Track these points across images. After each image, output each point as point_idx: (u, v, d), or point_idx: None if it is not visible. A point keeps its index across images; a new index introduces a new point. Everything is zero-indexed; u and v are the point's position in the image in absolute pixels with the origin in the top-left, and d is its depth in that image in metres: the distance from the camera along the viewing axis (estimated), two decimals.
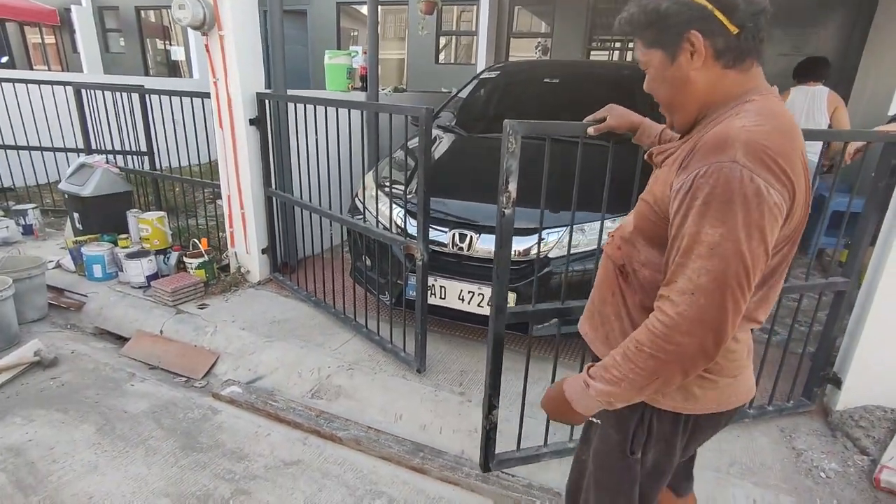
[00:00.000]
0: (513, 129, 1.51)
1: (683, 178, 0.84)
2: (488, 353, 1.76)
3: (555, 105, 3.40)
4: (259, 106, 3.06)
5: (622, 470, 1.09)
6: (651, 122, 1.38)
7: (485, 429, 1.85)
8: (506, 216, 1.61)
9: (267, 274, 3.41)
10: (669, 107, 0.97)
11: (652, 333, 0.84)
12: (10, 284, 2.66)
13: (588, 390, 0.93)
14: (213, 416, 2.24)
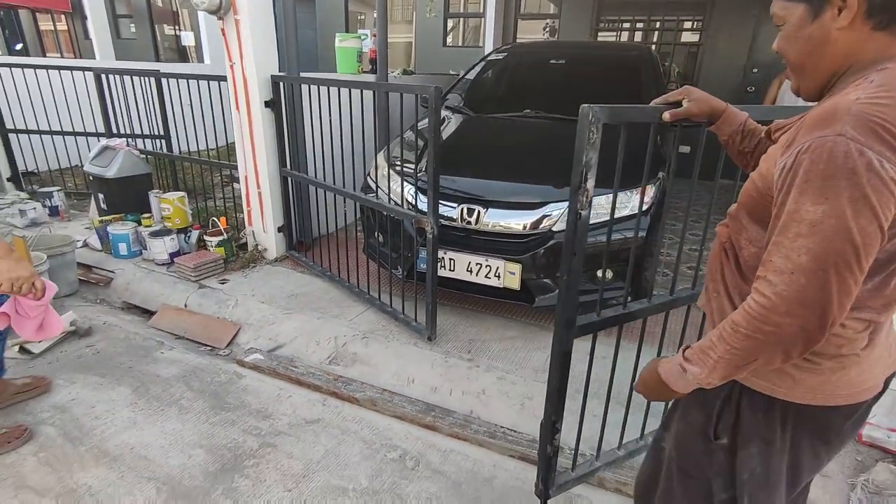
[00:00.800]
0: (594, 116, 1.25)
1: (787, 154, 0.79)
2: (551, 373, 1.52)
3: (561, 85, 3.48)
4: (273, 88, 3.17)
5: (705, 456, 1.03)
6: (735, 110, 1.25)
7: (546, 455, 1.61)
8: (582, 218, 1.35)
9: (283, 251, 3.55)
10: (799, 70, 0.90)
11: (748, 314, 0.81)
12: (45, 260, 2.82)
13: (685, 374, 0.91)
14: (238, 380, 2.40)
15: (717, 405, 1.00)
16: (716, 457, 1.01)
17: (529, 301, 2.46)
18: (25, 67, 4.60)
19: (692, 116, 1.25)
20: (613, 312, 1.58)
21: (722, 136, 1.25)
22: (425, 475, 1.88)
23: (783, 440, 0.95)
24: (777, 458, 0.96)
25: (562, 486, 1.71)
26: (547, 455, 1.61)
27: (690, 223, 3.70)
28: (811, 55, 0.86)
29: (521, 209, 2.46)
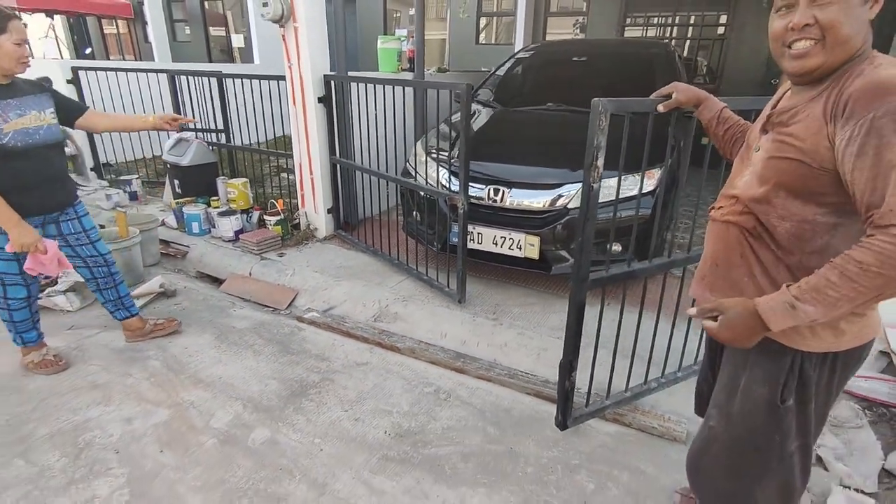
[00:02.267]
0: (603, 108, 1.59)
1: (853, 126, 0.92)
2: (569, 320, 1.87)
3: (581, 81, 3.81)
4: (325, 86, 3.61)
5: (773, 421, 1.14)
6: (714, 99, 1.52)
7: (565, 390, 1.95)
8: (594, 190, 1.68)
9: (332, 230, 4.01)
10: (842, 44, 0.99)
11: (880, 254, 0.87)
12: (138, 234, 3.36)
13: (795, 311, 0.97)
14: (298, 333, 2.86)
15: (783, 375, 1.12)
16: (785, 419, 1.13)
17: (547, 269, 2.82)
18: (108, 71, 5.23)
19: (681, 105, 1.56)
20: (619, 270, 1.93)
21: (703, 119, 1.55)
22: (455, 404, 2.28)
23: (832, 382, 1.12)
24: (832, 397, 1.15)
25: (577, 419, 2.07)
26: (565, 389, 1.98)
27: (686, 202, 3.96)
28: (856, 35, 0.98)
29: (541, 189, 2.83)
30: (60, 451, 1.95)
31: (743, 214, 1.15)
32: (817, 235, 1.05)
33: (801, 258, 1.08)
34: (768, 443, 1.17)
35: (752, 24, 5.38)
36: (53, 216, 2.29)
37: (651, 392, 2.23)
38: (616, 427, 2.13)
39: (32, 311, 2.36)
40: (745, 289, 1.16)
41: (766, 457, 1.19)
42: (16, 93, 2.08)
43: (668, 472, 1.89)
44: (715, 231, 1.24)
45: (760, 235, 1.12)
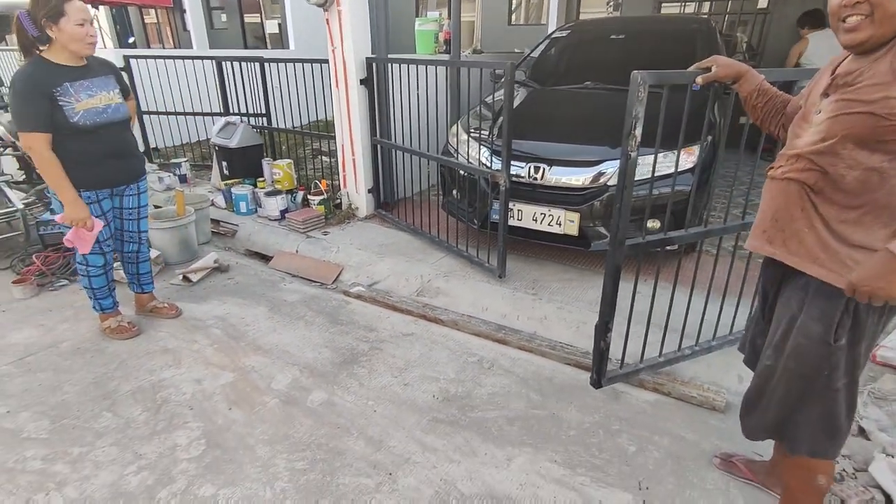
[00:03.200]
0: (642, 80, 1.65)
1: None
2: (606, 281, 1.95)
3: (619, 59, 3.79)
4: (367, 68, 3.71)
5: (825, 359, 1.24)
6: (754, 72, 1.57)
7: (600, 350, 2.05)
8: (631, 158, 1.76)
9: (372, 210, 4.15)
10: (891, 17, 1.09)
11: None
12: (193, 213, 3.56)
13: None
14: (346, 305, 3.01)
15: (838, 315, 1.21)
16: (835, 356, 1.23)
17: (586, 246, 2.88)
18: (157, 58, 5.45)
19: (719, 79, 1.63)
20: (655, 237, 1.99)
21: (742, 92, 1.60)
22: (498, 373, 2.39)
23: (880, 322, 1.23)
24: (877, 339, 1.26)
25: (612, 379, 2.17)
26: (601, 350, 2.07)
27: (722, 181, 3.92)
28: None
29: (580, 166, 2.87)
30: (142, 406, 2.14)
31: (805, 171, 1.23)
32: (885, 181, 1.13)
33: (867, 205, 1.16)
34: (816, 374, 1.26)
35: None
36: (120, 189, 2.47)
37: (685, 359, 2.28)
38: (655, 396, 2.20)
39: (109, 280, 2.56)
40: (805, 238, 1.25)
41: (812, 386, 1.28)
42: (87, 73, 2.22)
43: (708, 438, 1.96)
44: (774, 188, 1.32)
45: (822, 189, 1.21)
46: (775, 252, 1.33)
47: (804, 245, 1.25)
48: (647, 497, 1.72)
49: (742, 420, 1.52)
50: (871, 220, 1.16)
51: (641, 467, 1.84)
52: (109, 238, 2.47)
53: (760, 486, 1.73)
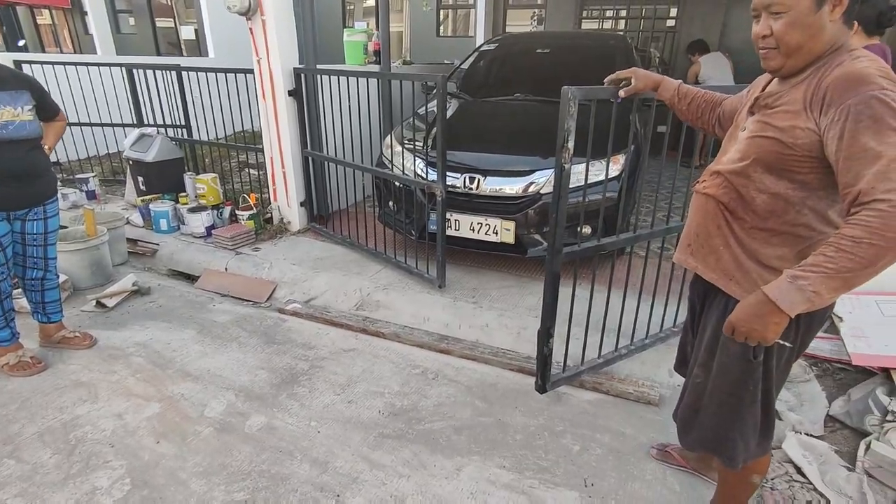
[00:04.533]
0: (572, 95, 1.74)
1: (834, 113, 1.04)
2: (546, 289, 2.01)
3: (546, 72, 3.96)
4: (295, 79, 3.61)
5: (747, 374, 1.28)
6: (669, 79, 1.67)
7: (543, 356, 2.10)
8: (565, 170, 1.83)
9: (305, 224, 4.02)
10: (795, 51, 1.11)
11: (868, 227, 0.96)
12: (106, 232, 3.28)
13: (798, 285, 1.03)
14: (282, 324, 2.89)
15: None
16: (757, 371, 1.27)
17: (522, 253, 2.96)
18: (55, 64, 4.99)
19: (639, 91, 1.74)
20: (590, 244, 2.09)
21: (665, 100, 1.71)
22: (443, 383, 2.38)
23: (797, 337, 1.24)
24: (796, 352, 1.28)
25: (555, 383, 2.24)
26: (544, 355, 2.13)
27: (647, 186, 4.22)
28: (809, 40, 1.10)
29: (514, 176, 2.95)
30: (52, 448, 1.93)
31: (721, 188, 1.28)
32: (790, 207, 1.18)
33: (775, 226, 1.21)
34: (743, 390, 1.31)
35: (701, 17, 5.69)
36: (21, 213, 2.24)
37: (622, 358, 2.40)
38: (595, 395, 2.29)
39: (4, 310, 2.30)
40: (722, 255, 1.30)
41: (741, 401, 1.33)
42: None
43: (646, 432, 2.07)
44: (697, 203, 1.37)
45: (735, 209, 1.25)
46: (697, 267, 1.38)
47: (721, 262, 1.30)
48: (593, 493, 1.78)
49: (680, 437, 1.54)
50: (778, 241, 1.21)
51: (586, 465, 1.90)
52: (5, 264, 2.22)
53: (693, 471, 1.84)
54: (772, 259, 1.24)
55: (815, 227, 1.19)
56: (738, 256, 1.27)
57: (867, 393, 1.90)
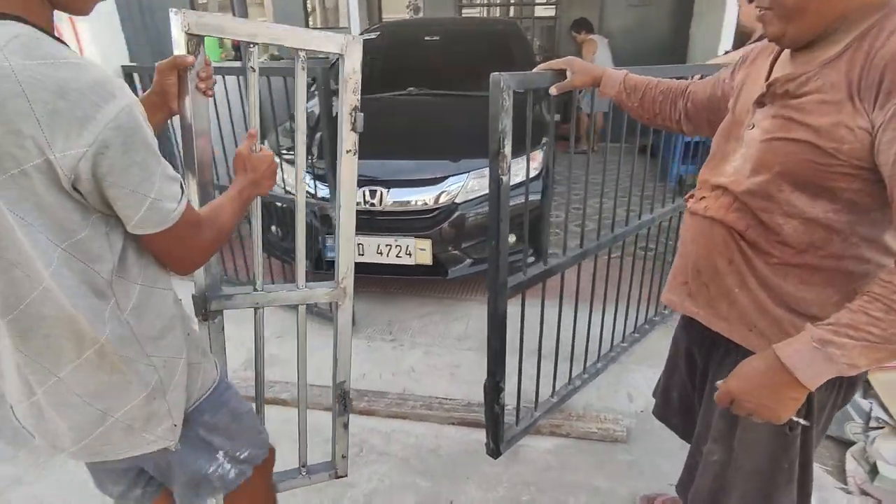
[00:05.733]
0: (505, 84, 1.31)
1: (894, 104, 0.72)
2: (490, 336, 1.61)
3: (439, 62, 3.54)
4: (127, 81, 2.81)
5: (780, 450, 0.98)
6: (612, 71, 1.32)
7: (494, 414, 1.68)
8: (503, 184, 1.41)
9: None
10: (796, 11, 0.80)
11: None
12: None
13: (824, 351, 0.76)
14: None
15: None
16: (793, 447, 0.98)
17: (443, 274, 2.53)
18: None
19: (576, 87, 1.38)
20: (537, 270, 1.70)
21: (609, 96, 1.36)
22: (371, 459, 1.87)
23: (838, 402, 0.98)
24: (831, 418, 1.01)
25: (510, 441, 1.82)
26: (495, 414, 1.70)
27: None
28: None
29: (422, 186, 2.50)
30: None
31: (733, 211, 0.93)
32: (833, 237, 0.85)
33: (813, 262, 0.88)
34: (777, 469, 1.01)
35: (579, 4, 5.66)
36: None
37: (577, 391, 2.08)
38: (554, 441, 1.93)
39: None
40: (737, 300, 0.96)
41: (775, 482, 1.02)
42: None
43: (623, 481, 1.74)
44: (695, 228, 1.02)
45: (756, 241, 0.91)
46: (698, 313, 1.05)
47: (736, 308, 0.96)
48: None
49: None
50: (820, 280, 0.89)
51: None
52: None
53: None
54: (811, 305, 0.90)
55: (870, 260, 0.86)
56: (763, 302, 0.93)
57: None
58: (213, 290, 1.23)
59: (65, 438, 0.82)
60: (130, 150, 0.68)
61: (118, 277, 0.77)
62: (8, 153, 0.64)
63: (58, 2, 0.72)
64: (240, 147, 1.03)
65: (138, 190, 0.70)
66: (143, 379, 0.81)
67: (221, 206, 0.92)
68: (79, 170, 0.66)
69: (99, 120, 0.65)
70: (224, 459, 1.00)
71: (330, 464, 1.57)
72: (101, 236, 0.74)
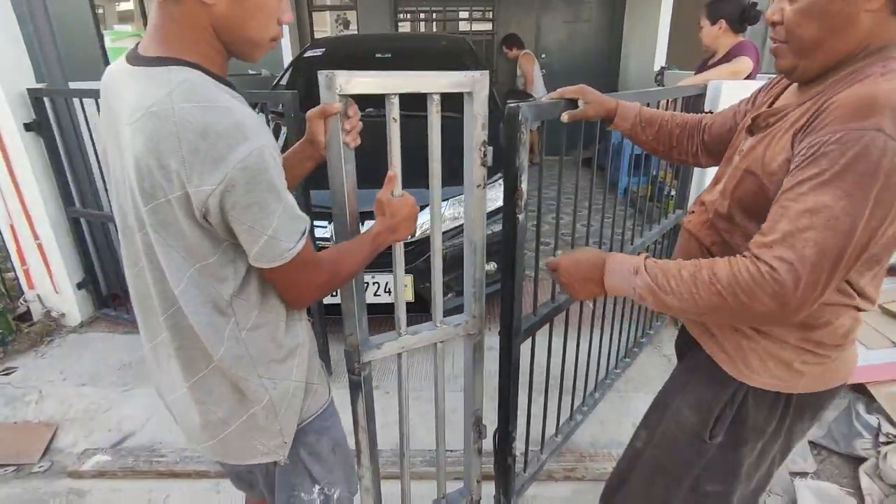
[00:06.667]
0: (524, 117, 1.22)
1: (811, 140, 0.74)
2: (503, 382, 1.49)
3: None
4: (36, 106, 2.39)
5: (695, 455, 1.00)
6: (626, 104, 1.28)
7: (506, 466, 1.57)
8: (520, 223, 1.29)
9: (90, 312, 2.78)
10: (812, 47, 0.80)
11: (734, 277, 0.76)
12: None
13: (635, 277, 0.86)
14: (80, 501, 1.79)
15: (718, 407, 0.96)
16: (707, 454, 0.99)
17: (426, 310, 2.34)
18: None
19: (589, 118, 1.30)
20: (546, 309, 1.59)
21: (624, 131, 1.30)
22: None
23: (780, 427, 0.95)
24: (772, 444, 0.98)
25: (519, 491, 1.69)
26: (507, 465, 1.57)
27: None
28: (833, 34, 0.77)
29: None
30: None
31: (707, 228, 1.00)
32: None
33: None
34: (684, 474, 1.02)
35: (516, 19, 5.72)
36: None
37: (579, 426, 1.99)
38: (570, 486, 1.81)
39: None
40: None
41: (677, 486, 1.04)
42: None
43: None
44: (681, 239, 1.10)
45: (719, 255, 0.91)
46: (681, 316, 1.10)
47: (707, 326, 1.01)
48: None
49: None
50: None
51: None
52: None
53: None
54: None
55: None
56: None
57: (844, 412, 1.77)
58: (366, 344, 1.22)
59: (199, 435, 0.91)
60: (253, 190, 0.72)
61: (239, 299, 0.83)
62: (159, 184, 0.71)
63: (233, 52, 0.81)
64: (380, 193, 1.06)
65: (255, 227, 0.74)
66: (256, 396, 0.87)
67: (349, 251, 0.96)
68: (208, 204, 0.71)
69: (230, 160, 0.69)
70: (318, 496, 1.01)
71: (464, 490, 1.58)
72: (229, 262, 0.80)
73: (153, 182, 0.71)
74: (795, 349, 0.88)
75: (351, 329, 1.16)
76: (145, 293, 0.84)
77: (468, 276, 1.32)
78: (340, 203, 1.06)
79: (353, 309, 1.14)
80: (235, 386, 0.87)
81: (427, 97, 1.10)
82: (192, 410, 0.89)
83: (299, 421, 0.96)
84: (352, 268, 0.95)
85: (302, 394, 0.94)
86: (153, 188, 0.72)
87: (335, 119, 0.99)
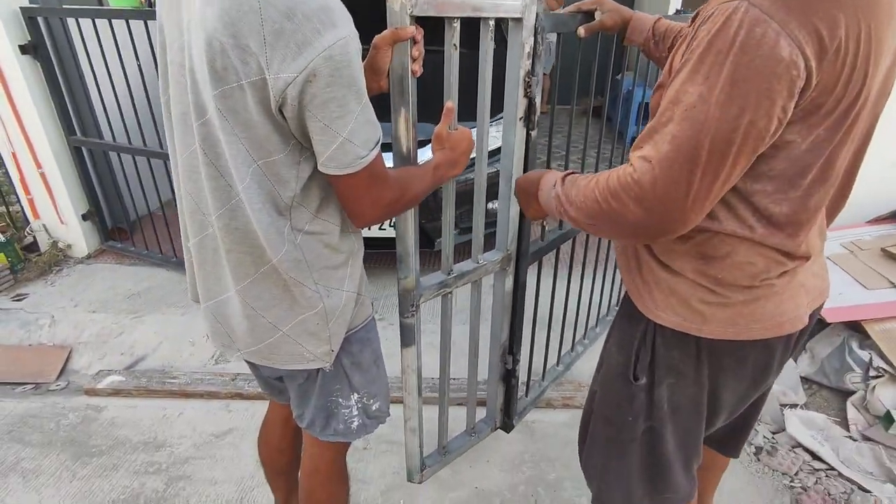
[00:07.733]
0: (541, 25, 1.16)
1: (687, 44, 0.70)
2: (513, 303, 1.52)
3: None
4: (31, 27, 2.32)
5: (624, 399, 0.94)
6: (642, 15, 1.21)
7: (510, 386, 1.63)
8: (532, 139, 1.25)
9: (97, 244, 2.80)
10: None
11: (607, 182, 0.75)
12: None
13: (553, 189, 0.90)
14: (97, 415, 1.87)
15: (635, 346, 0.90)
16: (637, 398, 0.92)
17: (429, 245, 2.36)
18: None
19: (606, 29, 1.26)
20: (553, 236, 1.62)
21: (636, 44, 1.26)
22: (381, 451, 1.73)
23: (699, 374, 0.87)
24: (693, 390, 0.89)
25: (521, 413, 1.76)
26: (511, 385, 1.64)
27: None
28: None
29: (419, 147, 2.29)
30: None
31: None
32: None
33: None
34: (621, 419, 0.96)
35: None
36: None
37: (579, 357, 2.05)
38: (568, 413, 1.88)
39: None
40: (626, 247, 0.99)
41: (620, 433, 0.97)
42: None
43: None
44: None
45: None
46: None
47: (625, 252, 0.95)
48: None
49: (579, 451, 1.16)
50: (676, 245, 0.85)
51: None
52: None
53: None
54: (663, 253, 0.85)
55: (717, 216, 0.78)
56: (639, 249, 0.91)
57: (837, 349, 1.82)
58: (419, 287, 1.20)
59: (240, 342, 0.90)
60: (334, 84, 0.66)
61: (298, 205, 0.80)
62: (233, 66, 0.65)
63: None
64: (438, 127, 0.98)
65: (331, 126, 0.68)
66: (309, 302, 0.85)
67: (415, 175, 0.90)
68: (286, 94, 0.66)
69: (316, 47, 0.63)
70: (357, 405, 1.01)
71: (488, 420, 1.68)
72: (293, 164, 0.76)
73: (226, 63, 0.64)
74: (693, 284, 0.81)
75: (406, 272, 1.13)
76: (197, 187, 0.80)
77: (502, 213, 1.34)
78: (404, 135, 0.99)
79: (410, 251, 1.11)
80: (287, 291, 0.83)
81: (481, 23, 1.06)
82: (239, 314, 0.86)
83: (348, 331, 0.94)
84: (416, 193, 0.89)
85: (353, 304, 0.92)
86: (225, 70, 0.65)
87: (400, 46, 0.89)
